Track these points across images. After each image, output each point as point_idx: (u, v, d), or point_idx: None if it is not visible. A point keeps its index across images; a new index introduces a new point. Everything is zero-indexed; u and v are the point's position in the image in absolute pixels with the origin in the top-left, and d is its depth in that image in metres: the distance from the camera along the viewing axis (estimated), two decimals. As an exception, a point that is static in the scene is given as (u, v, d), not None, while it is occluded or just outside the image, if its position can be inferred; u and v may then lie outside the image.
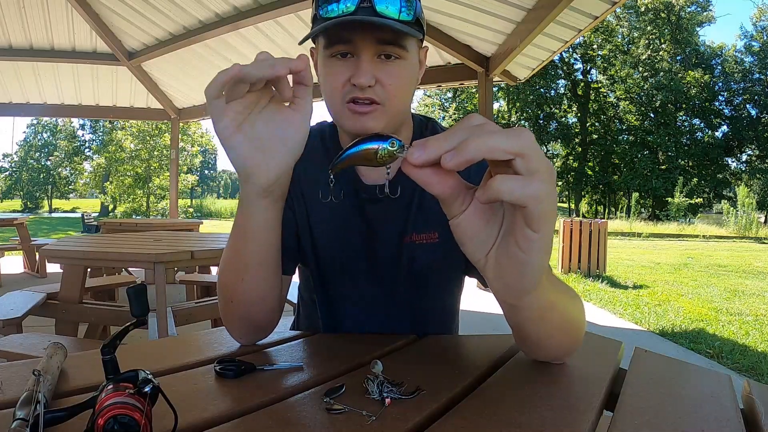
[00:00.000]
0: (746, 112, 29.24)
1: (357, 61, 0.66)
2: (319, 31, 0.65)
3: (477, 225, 0.42)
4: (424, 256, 0.79)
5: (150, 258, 2.16)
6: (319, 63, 0.73)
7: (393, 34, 0.65)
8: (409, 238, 0.78)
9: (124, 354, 0.54)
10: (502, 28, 4.19)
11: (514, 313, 0.53)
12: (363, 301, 0.83)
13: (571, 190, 33.22)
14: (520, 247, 0.39)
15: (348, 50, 0.67)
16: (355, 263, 0.81)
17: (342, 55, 0.68)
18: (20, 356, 1.63)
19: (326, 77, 0.70)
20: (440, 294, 0.86)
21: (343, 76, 0.67)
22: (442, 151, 0.36)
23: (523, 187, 0.35)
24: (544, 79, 29.95)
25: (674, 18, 29.05)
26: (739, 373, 2.90)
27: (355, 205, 0.80)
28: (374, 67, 0.66)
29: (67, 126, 37.31)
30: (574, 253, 6.37)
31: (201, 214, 26.96)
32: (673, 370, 0.70)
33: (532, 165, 0.35)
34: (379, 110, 0.68)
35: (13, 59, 6.07)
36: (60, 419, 0.42)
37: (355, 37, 0.65)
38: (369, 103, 0.67)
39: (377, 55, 0.67)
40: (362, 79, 0.65)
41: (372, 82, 0.66)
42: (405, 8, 0.64)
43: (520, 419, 0.49)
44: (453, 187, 0.41)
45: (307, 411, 0.50)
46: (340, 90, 0.68)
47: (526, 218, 0.37)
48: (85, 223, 13.31)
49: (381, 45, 0.66)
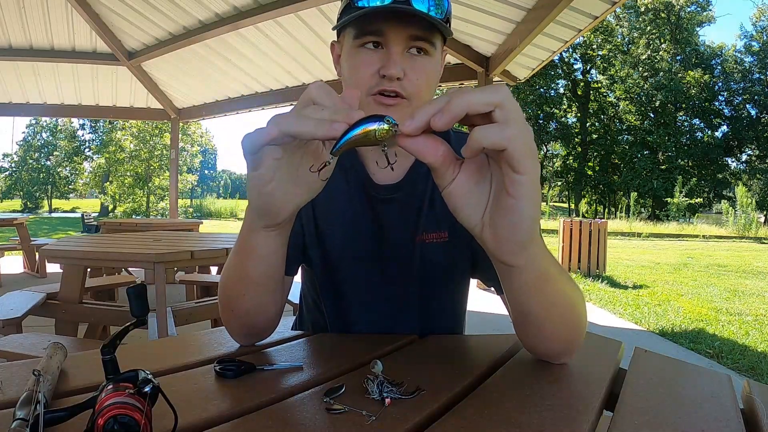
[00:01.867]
0: (746, 112, 29.25)
1: (387, 53, 0.67)
2: (358, 15, 0.64)
3: (468, 188, 0.45)
4: (435, 256, 0.79)
5: (150, 258, 2.16)
6: (345, 53, 0.73)
7: (424, 30, 0.67)
8: (421, 237, 0.79)
9: (124, 354, 0.54)
10: (502, 28, 4.19)
11: (510, 279, 0.53)
12: (373, 303, 0.83)
13: (571, 190, 33.23)
14: (509, 194, 0.42)
15: (379, 41, 0.67)
16: (366, 264, 0.81)
17: (372, 46, 0.68)
18: (20, 356, 1.63)
19: (354, 67, 0.70)
20: (449, 296, 0.86)
21: (373, 67, 0.67)
22: (429, 116, 0.39)
23: (500, 131, 0.39)
24: (544, 79, 29.95)
25: (674, 18, 29.06)
26: (739, 373, 2.90)
27: (367, 206, 0.80)
28: (403, 61, 0.67)
29: (67, 126, 37.31)
30: (574, 253, 6.37)
31: (201, 214, 26.90)
32: (673, 370, 0.70)
33: (509, 114, 0.39)
34: (404, 104, 0.69)
35: (13, 59, 6.07)
36: (60, 419, 0.42)
37: (387, 29, 0.66)
38: (394, 95, 0.68)
39: (407, 49, 0.68)
40: (393, 69, 0.65)
41: (401, 74, 0.66)
42: (435, 7, 0.65)
43: (520, 419, 0.49)
44: (444, 155, 0.44)
45: (307, 411, 0.50)
46: (367, 80, 0.68)
47: (509, 162, 0.40)
48: (85, 223, 13.29)
49: (411, 39, 0.67)
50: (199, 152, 30.71)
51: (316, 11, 4.68)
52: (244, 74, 6.36)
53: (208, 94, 7.18)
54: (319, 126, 0.41)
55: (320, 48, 5.40)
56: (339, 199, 0.80)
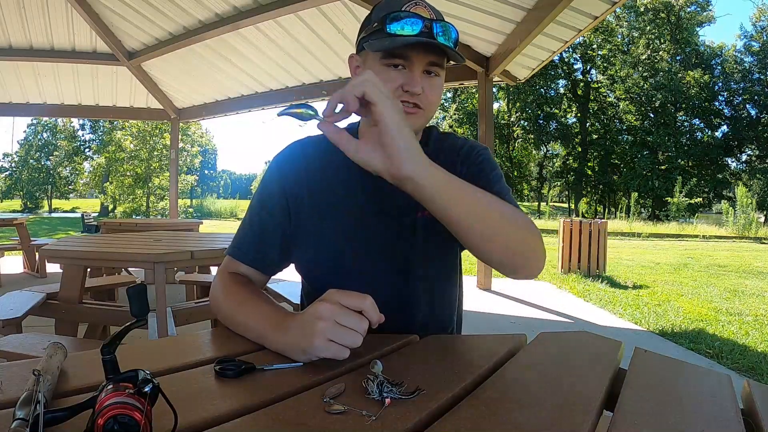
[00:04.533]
0: (746, 112, 29.25)
1: (410, 74, 0.81)
2: (393, 44, 0.78)
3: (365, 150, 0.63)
4: (434, 231, 0.86)
5: (150, 258, 2.16)
6: (370, 68, 0.84)
7: (440, 57, 0.81)
8: (422, 213, 0.87)
9: (124, 354, 0.54)
10: (502, 28, 4.19)
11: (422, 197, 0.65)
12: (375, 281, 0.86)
13: (571, 190, 33.24)
14: (376, 120, 0.60)
15: (402, 63, 0.81)
16: (370, 244, 0.88)
17: (395, 66, 0.81)
18: (20, 356, 1.62)
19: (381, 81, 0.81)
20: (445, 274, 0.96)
21: (397, 83, 0.81)
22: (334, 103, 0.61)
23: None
24: (544, 79, 29.97)
25: (674, 18, 29.06)
26: (739, 373, 2.90)
27: (373, 192, 0.88)
28: (422, 80, 0.81)
29: (67, 126, 37.30)
30: (574, 253, 6.37)
31: (201, 214, 26.86)
32: (673, 370, 0.70)
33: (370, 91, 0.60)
34: (420, 113, 0.83)
35: (13, 59, 6.07)
36: (60, 419, 0.42)
37: (413, 55, 0.80)
38: (412, 105, 0.82)
39: (423, 71, 0.82)
40: (416, 88, 0.80)
41: (420, 91, 0.81)
42: (451, 38, 0.80)
43: (520, 419, 0.49)
44: (343, 136, 0.63)
45: (307, 411, 0.50)
46: (394, 94, 0.80)
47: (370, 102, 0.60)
48: (85, 223, 13.27)
49: (429, 65, 0.81)
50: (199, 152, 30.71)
51: (316, 11, 4.68)
52: (244, 74, 6.36)
53: (208, 94, 7.18)
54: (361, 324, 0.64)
55: (320, 48, 5.40)
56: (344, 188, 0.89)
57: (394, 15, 0.78)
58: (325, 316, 0.62)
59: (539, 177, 35.19)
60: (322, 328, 0.61)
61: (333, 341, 0.61)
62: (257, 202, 0.91)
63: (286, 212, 0.89)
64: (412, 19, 0.77)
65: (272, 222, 0.89)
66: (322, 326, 0.61)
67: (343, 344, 0.61)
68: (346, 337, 0.61)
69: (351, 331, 0.61)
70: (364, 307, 0.63)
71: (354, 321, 0.62)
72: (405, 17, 0.78)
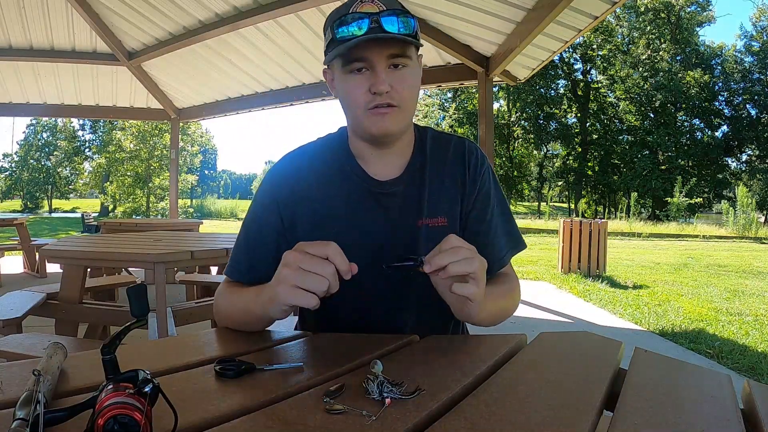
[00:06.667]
0: (746, 112, 29.21)
1: (373, 73, 0.79)
2: (343, 50, 0.77)
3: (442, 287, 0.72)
4: (433, 239, 0.84)
5: (150, 258, 2.16)
6: (337, 80, 0.84)
7: (399, 48, 0.79)
8: (423, 221, 0.88)
9: (124, 354, 0.54)
10: (502, 28, 4.19)
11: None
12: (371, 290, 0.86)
13: (571, 190, 33.23)
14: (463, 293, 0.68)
15: (364, 65, 0.79)
16: (374, 253, 0.86)
17: (358, 71, 0.80)
18: (20, 356, 1.63)
19: (348, 91, 0.82)
20: None
21: (364, 87, 0.79)
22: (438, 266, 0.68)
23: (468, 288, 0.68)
24: (544, 79, 29.94)
25: (674, 18, 29.05)
26: (739, 373, 2.90)
27: (371, 200, 0.88)
28: (388, 76, 0.79)
29: (67, 126, 37.29)
30: (574, 253, 6.37)
31: (201, 214, 26.84)
32: (673, 370, 0.70)
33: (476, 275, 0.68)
34: (396, 111, 0.81)
35: (13, 59, 6.07)
36: (60, 419, 0.42)
37: (369, 54, 0.78)
38: (386, 105, 0.80)
39: (388, 66, 0.79)
40: (381, 86, 0.78)
41: (388, 89, 0.78)
42: (404, 26, 0.78)
43: (520, 419, 0.49)
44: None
45: (307, 411, 0.50)
46: (362, 99, 0.80)
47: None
48: (85, 223, 13.26)
49: (391, 58, 0.79)
50: (199, 152, 30.72)
51: (316, 11, 4.68)
52: (244, 74, 6.36)
53: (208, 94, 7.18)
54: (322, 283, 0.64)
55: (320, 48, 5.38)
56: (341, 198, 0.88)
57: (341, 20, 0.77)
58: (289, 263, 0.64)
59: (539, 177, 35.16)
60: (286, 275, 0.64)
61: (298, 287, 0.63)
62: (250, 219, 0.91)
63: (279, 225, 0.88)
64: (358, 19, 0.76)
65: (265, 237, 0.88)
66: (286, 273, 0.64)
67: (307, 289, 0.62)
68: (310, 282, 0.62)
69: (316, 276, 0.62)
70: (329, 252, 0.64)
71: (318, 266, 0.63)
72: (351, 20, 0.76)
